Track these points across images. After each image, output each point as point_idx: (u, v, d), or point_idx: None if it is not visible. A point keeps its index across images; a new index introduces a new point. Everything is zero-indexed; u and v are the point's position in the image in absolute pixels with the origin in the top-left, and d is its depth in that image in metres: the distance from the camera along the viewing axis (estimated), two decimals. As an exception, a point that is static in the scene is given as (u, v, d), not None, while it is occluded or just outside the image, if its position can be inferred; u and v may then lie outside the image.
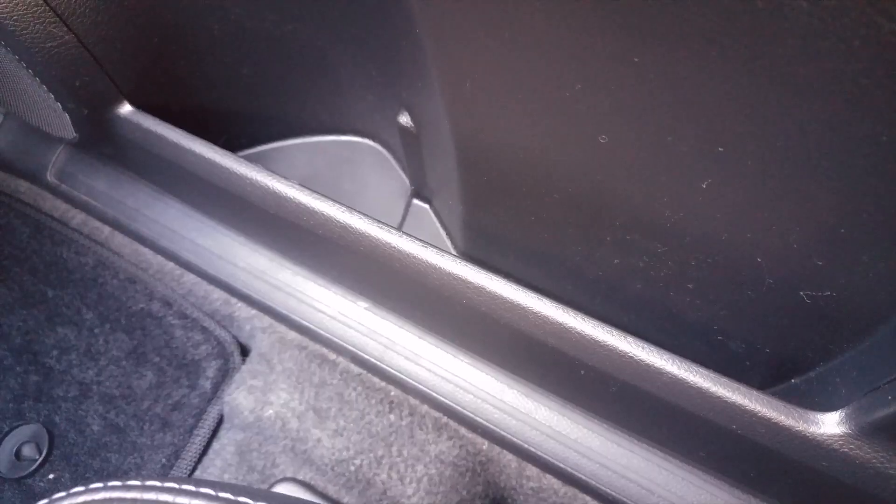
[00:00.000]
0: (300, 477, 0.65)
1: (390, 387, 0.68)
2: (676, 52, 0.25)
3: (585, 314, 0.56)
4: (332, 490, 0.65)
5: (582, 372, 0.42)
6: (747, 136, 0.27)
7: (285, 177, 0.45)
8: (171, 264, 0.74)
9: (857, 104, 0.23)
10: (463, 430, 0.66)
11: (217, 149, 0.47)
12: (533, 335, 0.38)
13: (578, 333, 0.36)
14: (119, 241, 0.76)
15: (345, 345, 0.63)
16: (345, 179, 0.70)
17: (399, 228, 0.42)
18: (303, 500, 0.36)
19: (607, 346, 0.35)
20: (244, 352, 0.71)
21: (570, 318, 0.36)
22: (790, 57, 0.22)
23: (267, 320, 0.69)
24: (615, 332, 0.35)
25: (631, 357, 0.35)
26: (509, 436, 0.57)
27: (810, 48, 0.21)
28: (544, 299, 0.37)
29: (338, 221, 0.42)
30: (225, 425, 0.69)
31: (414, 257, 0.40)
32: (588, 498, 0.61)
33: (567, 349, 0.37)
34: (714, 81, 0.25)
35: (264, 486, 0.65)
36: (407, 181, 0.67)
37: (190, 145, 0.48)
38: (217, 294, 0.72)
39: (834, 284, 0.32)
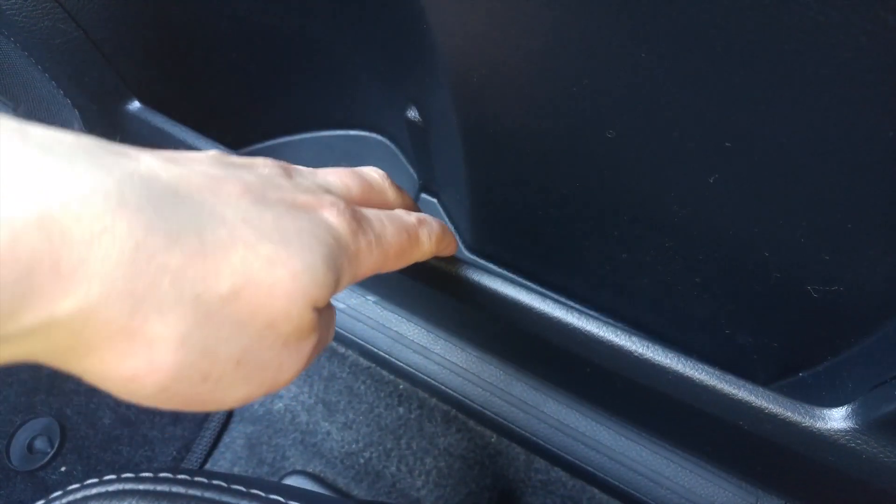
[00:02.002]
0: (310, 469, 0.66)
1: (399, 380, 0.69)
2: (683, 47, 0.25)
3: (592, 308, 0.56)
4: (341, 482, 0.65)
5: (587, 370, 0.42)
6: (755, 131, 0.27)
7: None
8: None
9: (864, 99, 0.22)
10: (471, 423, 0.66)
11: (220, 148, 0.48)
12: (536, 333, 0.38)
13: (581, 332, 0.36)
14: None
15: (354, 338, 0.63)
16: (352, 174, 0.70)
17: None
18: (313, 491, 0.37)
19: (611, 343, 0.35)
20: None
21: (572, 317, 0.36)
22: (797, 52, 0.22)
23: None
24: (619, 331, 0.35)
25: (635, 355, 0.35)
26: (518, 429, 0.57)
27: (817, 43, 0.21)
28: (546, 299, 0.37)
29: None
30: (235, 418, 0.70)
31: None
32: (596, 490, 0.61)
33: (571, 347, 0.37)
34: (721, 76, 0.25)
35: (274, 479, 0.66)
36: (415, 175, 0.67)
37: (195, 144, 0.48)
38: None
39: (841, 279, 0.32)
